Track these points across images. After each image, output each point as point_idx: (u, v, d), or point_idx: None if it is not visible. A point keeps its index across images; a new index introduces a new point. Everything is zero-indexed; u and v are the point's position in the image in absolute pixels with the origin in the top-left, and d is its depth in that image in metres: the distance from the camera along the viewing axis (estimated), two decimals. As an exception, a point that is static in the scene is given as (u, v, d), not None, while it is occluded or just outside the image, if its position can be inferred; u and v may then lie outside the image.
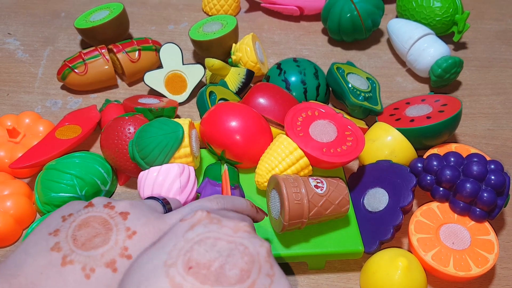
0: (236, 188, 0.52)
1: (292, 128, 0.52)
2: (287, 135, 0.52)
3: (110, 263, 0.27)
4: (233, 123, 0.53)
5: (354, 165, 0.62)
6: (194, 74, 0.69)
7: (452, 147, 0.59)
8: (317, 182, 0.48)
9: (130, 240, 0.28)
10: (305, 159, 0.51)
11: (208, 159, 0.57)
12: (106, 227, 0.29)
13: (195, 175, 0.52)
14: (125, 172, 0.55)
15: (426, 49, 0.72)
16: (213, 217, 0.30)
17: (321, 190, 0.48)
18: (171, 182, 0.48)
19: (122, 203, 0.31)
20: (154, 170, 0.49)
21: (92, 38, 0.73)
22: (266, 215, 0.41)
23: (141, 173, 0.50)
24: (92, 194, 0.53)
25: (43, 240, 0.28)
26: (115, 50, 0.69)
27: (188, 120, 0.52)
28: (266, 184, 0.52)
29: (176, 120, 0.53)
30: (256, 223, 0.43)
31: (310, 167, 0.52)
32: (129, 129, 0.54)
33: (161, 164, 0.50)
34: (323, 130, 0.53)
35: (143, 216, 0.30)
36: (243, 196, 0.53)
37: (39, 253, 0.27)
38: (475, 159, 0.53)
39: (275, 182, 0.48)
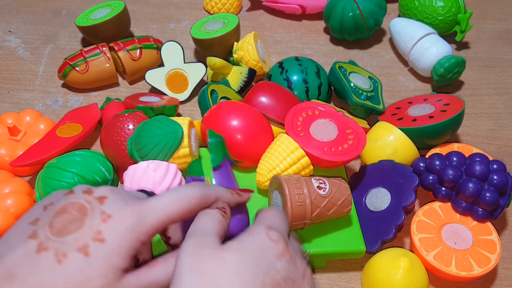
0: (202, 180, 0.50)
1: (292, 128, 0.52)
2: (288, 135, 0.52)
3: (82, 248, 0.27)
4: (234, 122, 0.53)
5: (356, 165, 0.62)
6: (195, 72, 0.69)
7: (455, 146, 0.59)
8: (320, 183, 0.48)
9: (104, 224, 0.28)
10: (306, 158, 0.50)
11: (208, 157, 0.56)
12: (82, 212, 0.29)
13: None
14: (124, 169, 0.55)
15: (429, 48, 0.72)
16: (290, 253, 0.30)
17: (324, 191, 0.47)
18: (160, 179, 0.48)
19: (101, 188, 0.31)
20: (144, 163, 0.49)
21: (93, 36, 0.73)
22: (252, 191, 0.39)
23: (130, 166, 0.50)
24: (93, 192, 0.53)
25: (23, 230, 0.29)
26: (116, 48, 0.69)
27: (187, 120, 0.52)
28: (267, 183, 0.52)
29: (176, 119, 0.52)
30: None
31: (311, 167, 0.51)
32: (128, 126, 0.54)
33: None
34: (324, 129, 0.53)
35: (121, 200, 0.30)
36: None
37: (17, 242, 0.28)
38: (478, 159, 0.53)
39: (277, 183, 0.48)
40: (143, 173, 0.48)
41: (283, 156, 0.51)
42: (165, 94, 0.68)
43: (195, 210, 0.32)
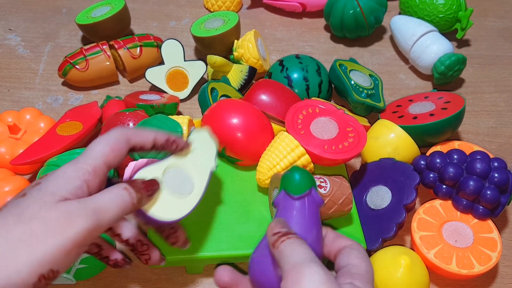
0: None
1: (293, 126, 0.52)
2: (288, 133, 0.52)
3: None
4: (234, 120, 0.53)
5: (357, 163, 0.62)
6: (195, 70, 0.68)
7: (455, 144, 0.59)
8: (321, 182, 0.48)
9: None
10: (307, 156, 0.50)
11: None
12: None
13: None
14: (124, 167, 0.55)
15: (429, 46, 0.71)
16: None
17: (325, 190, 0.47)
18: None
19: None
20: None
21: (93, 34, 0.73)
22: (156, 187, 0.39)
23: (130, 162, 0.49)
24: (93, 190, 0.53)
25: None
26: (116, 46, 0.69)
27: (187, 119, 0.52)
28: (267, 181, 0.51)
29: (175, 117, 0.52)
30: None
31: (312, 165, 0.51)
32: (128, 124, 0.54)
33: None
34: (324, 127, 0.53)
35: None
36: None
37: None
38: (478, 157, 0.52)
39: (278, 182, 0.48)
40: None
41: (283, 154, 0.51)
42: (165, 92, 0.68)
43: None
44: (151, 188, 0.38)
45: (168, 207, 0.40)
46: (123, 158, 0.38)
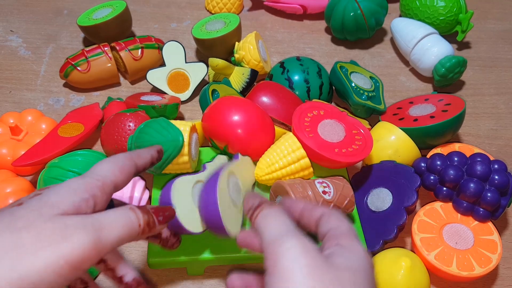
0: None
1: (301, 129, 0.52)
2: (296, 136, 0.52)
3: None
4: (235, 117, 0.53)
5: (358, 165, 0.62)
6: (196, 72, 0.69)
7: (456, 146, 0.59)
8: (324, 187, 0.48)
9: None
10: (307, 159, 0.50)
11: (208, 156, 0.56)
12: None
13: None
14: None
15: (430, 48, 0.72)
16: None
17: (329, 195, 0.47)
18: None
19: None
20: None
21: (94, 35, 0.73)
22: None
23: None
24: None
25: None
26: (117, 48, 0.69)
27: (189, 125, 0.51)
28: (264, 178, 0.51)
29: (178, 123, 0.51)
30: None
31: (311, 169, 0.51)
32: (129, 125, 0.54)
33: (159, 168, 0.50)
34: (332, 129, 0.53)
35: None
36: None
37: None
38: (479, 159, 0.53)
39: (282, 190, 0.48)
40: None
41: (284, 153, 0.51)
42: (167, 94, 0.68)
43: None
44: (162, 213, 0.34)
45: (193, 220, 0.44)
46: (129, 181, 0.35)
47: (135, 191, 0.52)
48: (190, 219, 0.44)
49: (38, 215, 0.27)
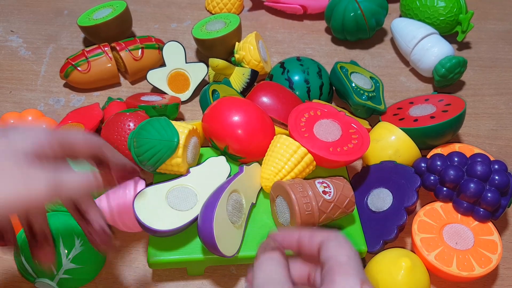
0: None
1: (296, 130, 0.52)
2: (291, 136, 0.52)
3: None
4: (235, 118, 0.53)
5: (358, 165, 0.62)
6: (197, 72, 0.69)
7: (456, 147, 0.59)
8: (324, 187, 0.48)
9: None
10: (309, 155, 0.50)
11: (208, 157, 0.56)
12: None
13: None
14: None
15: (430, 48, 0.72)
16: None
17: (329, 195, 0.47)
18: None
19: None
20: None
21: (95, 36, 0.73)
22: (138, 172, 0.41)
23: None
24: (95, 192, 0.53)
25: None
26: (118, 48, 0.69)
27: (188, 128, 0.51)
28: None
29: (178, 125, 0.51)
30: None
31: (314, 163, 0.52)
32: (129, 125, 0.54)
33: (152, 166, 0.50)
34: (328, 129, 0.53)
35: None
36: None
37: None
38: (479, 159, 0.53)
39: (282, 191, 0.48)
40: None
41: (286, 157, 0.50)
42: (167, 94, 0.68)
43: None
44: (122, 173, 0.38)
45: (165, 219, 0.46)
46: (89, 156, 0.37)
47: (137, 191, 0.52)
48: (159, 217, 0.46)
49: (3, 155, 0.30)
